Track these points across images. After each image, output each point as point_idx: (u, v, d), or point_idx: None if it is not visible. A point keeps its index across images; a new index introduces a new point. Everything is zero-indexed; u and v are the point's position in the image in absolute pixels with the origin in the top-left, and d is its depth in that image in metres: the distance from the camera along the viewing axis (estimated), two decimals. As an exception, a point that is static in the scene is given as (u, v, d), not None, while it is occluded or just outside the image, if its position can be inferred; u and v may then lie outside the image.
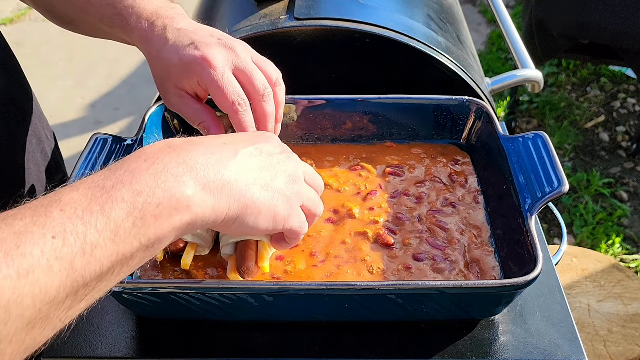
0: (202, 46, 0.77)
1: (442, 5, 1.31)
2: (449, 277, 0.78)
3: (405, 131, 1.00)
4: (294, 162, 0.70)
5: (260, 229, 0.63)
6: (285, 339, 0.77)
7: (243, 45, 0.82)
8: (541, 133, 0.87)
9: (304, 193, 0.69)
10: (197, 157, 0.58)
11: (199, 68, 0.77)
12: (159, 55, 0.80)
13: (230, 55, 0.78)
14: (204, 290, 0.71)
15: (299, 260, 0.80)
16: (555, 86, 3.34)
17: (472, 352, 0.75)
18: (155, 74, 0.83)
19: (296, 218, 0.67)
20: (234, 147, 0.63)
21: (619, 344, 1.69)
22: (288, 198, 0.66)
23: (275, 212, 0.64)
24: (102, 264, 0.48)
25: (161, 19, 0.82)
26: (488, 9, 3.88)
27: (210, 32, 0.82)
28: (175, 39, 0.80)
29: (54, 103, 3.37)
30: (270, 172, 0.65)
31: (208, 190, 0.57)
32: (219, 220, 0.59)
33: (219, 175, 0.58)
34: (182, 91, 0.81)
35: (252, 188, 0.62)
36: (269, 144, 0.69)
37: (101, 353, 0.75)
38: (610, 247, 2.42)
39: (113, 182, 0.52)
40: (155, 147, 0.58)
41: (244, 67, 0.78)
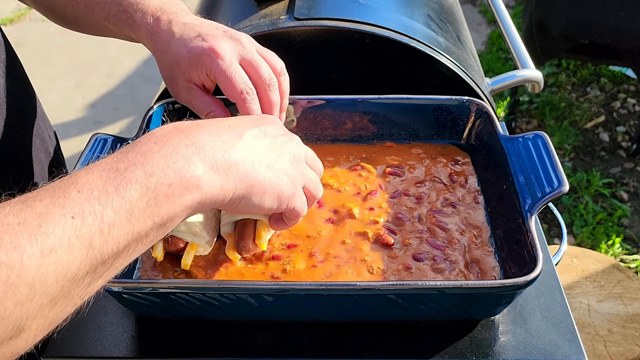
0: (208, 38, 0.79)
1: (442, 5, 1.31)
2: (448, 277, 0.78)
3: (405, 131, 1.00)
4: (296, 143, 0.71)
5: (265, 207, 0.65)
6: (285, 339, 0.77)
7: (248, 37, 0.83)
8: (541, 133, 0.87)
9: (306, 174, 0.70)
10: (205, 138, 0.60)
11: (207, 59, 0.78)
12: (166, 49, 0.82)
13: (236, 46, 0.80)
14: (204, 290, 0.71)
15: (298, 259, 0.80)
16: (555, 86, 3.34)
17: (472, 352, 0.75)
18: (163, 68, 0.84)
19: (299, 198, 0.69)
20: (239, 129, 0.65)
21: (619, 344, 1.69)
22: (292, 178, 0.67)
23: (279, 191, 0.65)
24: (118, 242, 0.51)
25: (166, 14, 0.83)
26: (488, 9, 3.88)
27: (215, 25, 0.84)
28: (181, 32, 0.81)
29: (54, 103, 3.37)
30: (275, 153, 0.67)
31: (216, 170, 0.59)
32: (226, 199, 0.61)
33: (226, 156, 0.60)
34: (191, 83, 0.82)
35: (258, 168, 0.63)
36: (272, 126, 0.70)
37: (101, 353, 0.75)
38: (610, 247, 2.42)
39: (126, 164, 0.54)
40: (164, 130, 0.60)
41: (250, 58, 0.80)
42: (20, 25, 4.17)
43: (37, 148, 0.96)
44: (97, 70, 3.66)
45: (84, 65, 3.72)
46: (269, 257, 0.81)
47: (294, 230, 0.84)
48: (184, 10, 0.86)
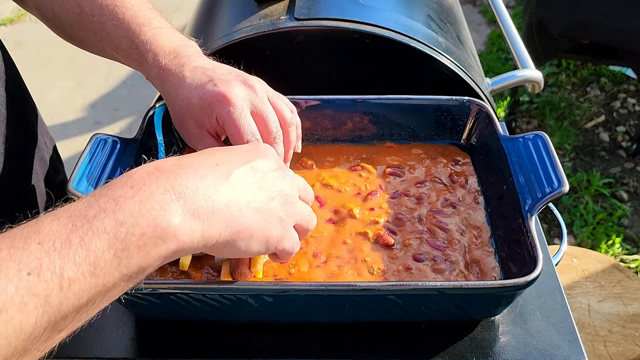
0: (220, 83, 0.77)
1: (442, 5, 1.31)
2: (449, 278, 0.78)
3: (405, 131, 1.00)
4: (290, 179, 0.67)
5: (252, 252, 0.62)
6: (285, 339, 0.77)
7: (260, 82, 0.81)
8: (541, 133, 0.87)
9: (298, 212, 0.67)
10: (187, 181, 0.56)
11: (219, 105, 0.76)
12: (176, 93, 0.79)
13: (249, 93, 0.78)
14: (204, 291, 0.70)
15: (302, 262, 0.80)
16: (555, 86, 3.34)
17: (472, 352, 0.75)
18: (174, 112, 0.82)
19: (289, 239, 0.66)
20: (227, 167, 0.61)
21: (619, 344, 1.69)
22: (282, 220, 0.64)
23: (268, 235, 0.62)
24: (80, 297, 0.47)
25: (178, 58, 0.81)
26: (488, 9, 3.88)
27: (228, 69, 0.81)
28: (193, 76, 0.79)
29: (54, 103, 3.37)
30: (265, 192, 0.63)
31: (197, 217, 0.55)
32: (208, 245, 0.57)
33: (210, 201, 0.57)
34: (203, 130, 0.80)
35: (245, 212, 0.60)
36: (265, 160, 0.66)
37: (100, 354, 0.75)
38: (610, 247, 2.42)
39: (96, 211, 0.50)
40: (142, 171, 0.56)
41: (261, 108, 0.78)
42: (20, 26, 4.17)
43: (32, 157, 0.95)
44: (97, 71, 3.66)
45: (84, 65, 3.71)
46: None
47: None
48: (197, 53, 0.83)
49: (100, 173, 0.81)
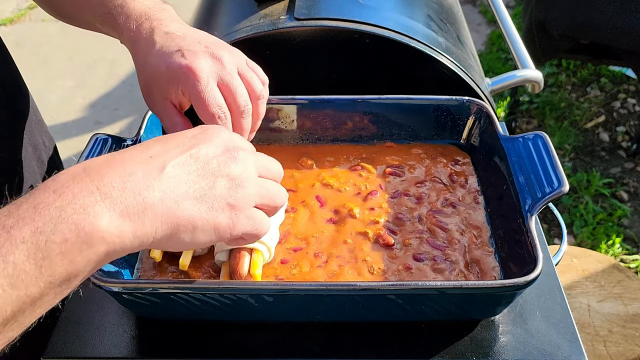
0: (188, 54, 0.76)
1: (442, 6, 1.31)
2: (449, 278, 0.78)
3: (405, 131, 1.00)
4: (241, 160, 0.64)
5: (201, 243, 0.60)
6: (285, 339, 0.77)
7: (231, 53, 0.80)
8: (541, 133, 0.87)
9: (254, 192, 0.64)
10: (114, 180, 0.53)
11: (184, 77, 0.75)
12: (145, 59, 0.79)
13: (216, 65, 0.77)
14: (204, 291, 0.71)
15: (304, 263, 0.81)
16: (555, 86, 3.34)
17: (472, 352, 0.75)
18: (141, 78, 0.81)
19: (245, 222, 0.63)
20: (161, 159, 0.58)
21: (619, 344, 1.69)
22: (231, 205, 0.61)
23: (215, 222, 0.59)
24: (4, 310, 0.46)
25: (149, 21, 0.80)
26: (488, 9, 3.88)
27: (198, 37, 0.80)
28: (162, 43, 0.78)
29: (54, 103, 3.37)
30: (208, 179, 0.60)
31: (126, 216, 0.53)
32: (146, 243, 0.56)
33: (140, 198, 0.54)
34: (167, 100, 0.79)
35: (184, 203, 0.57)
36: (209, 144, 0.63)
37: (101, 353, 0.75)
38: (610, 247, 2.42)
39: (15, 220, 0.48)
40: (68, 174, 0.54)
41: (229, 81, 0.77)
42: (20, 25, 4.17)
43: (29, 156, 0.94)
44: (97, 71, 3.66)
45: (84, 65, 3.71)
46: (277, 262, 0.81)
47: (298, 234, 0.84)
48: (169, 17, 0.82)
49: (100, 173, 0.81)
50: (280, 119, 0.99)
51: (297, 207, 0.89)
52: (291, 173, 0.95)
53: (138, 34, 0.80)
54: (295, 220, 0.87)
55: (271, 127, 0.99)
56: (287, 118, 0.99)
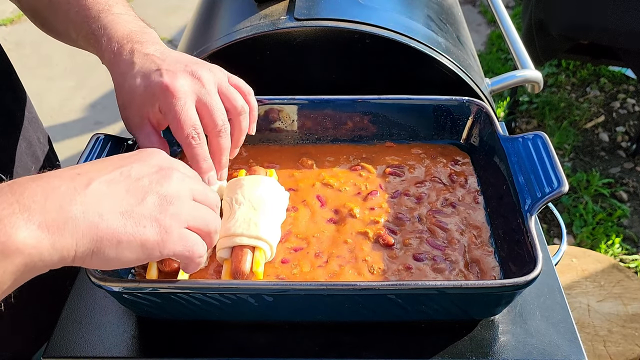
0: (167, 74, 0.76)
1: (442, 6, 1.31)
2: (448, 277, 0.79)
3: (405, 131, 1.00)
4: (175, 180, 0.63)
5: (128, 259, 0.59)
6: (285, 339, 0.77)
7: (211, 71, 0.80)
8: (541, 133, 0.87)
9: (186, 212, 0.63)
10: (35, 194, 0.54)
11: (162, 96, 0.75)
12: (124, 79, 0.79)
13: (194, 84, 0.77)
14: (204, 290, 0.71)
15: (305, 263, 0.81)
16: (554, 86, 3.34)
17: (471, 352, 0.75)
18: (119, 98, 0.81)
19: (177, 242, 0.62)
20: (88, 176, 0.59)
21: (619, 344, 1.69)
22: (160, 221, 0.60)
23: (141, 238, 0.59)
24: None
25: (130, 43, 0.80)
26: (488, 9, 3.88)
27: (178, 58, 0.80)
28: (141, 64, 0.78)
29: (54, 103, 3.37)
30: (136, 196, 0.60)
31: (45, 228, 0.53)
32: (68, 258, 0.55)
33: (61, 211, 0.54)
34: (145, 119, 0.79)
35: (108, 217, 0.57)
36: (142, 164, 0.63)
37: (101, 353, 0.76)
38: (610, 247, 2.42)
39: None
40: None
41: (207, 100, 0.77)
42: (20, 26, 4.16)
43: (22, 152, 0.94)
44: (97, 70, 3.63)
45: (84, 65, 3.71)
46: (278, 261, 0.81)
47: (299, 233, 0.84)
48: (150, 41, 0.82)
49: (100, 173, 0.81)
50: (281, 119, 0.99)
51: (298, 207, 0.89)
52: (291, 173, 0.95)
53: (118, 56, 0.80)
54: (296, 220, 0.87)
55: (271, 128, 0.99)
56: (287, 118, 0.99)
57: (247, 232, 0.77)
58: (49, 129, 1.07)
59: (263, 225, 0.79)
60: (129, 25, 0.83)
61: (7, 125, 0.92)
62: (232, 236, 0.77)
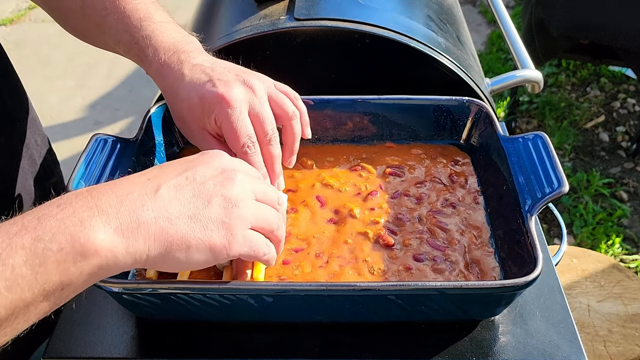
0: (219, 84, 0.77)
1: (442, 6, 1.31)
2: (449, 278, 0.78)
3: (405, 132, 1.00)
4: (238, 181, 0.65)
5: (197, 262, 0.61)
6: (285, 339, 0.77)
7: (260, 80, 0.81)
8: (541, 133, 0.87)
9: (250, 214, 0.65)
10: (111, 199, 0.57)
11: (218, 106, 0.76)
12: (176, 92, 0.79)
13: (248, 94, 0.78)
14: (204, 291, 0.71)
15: (305, 263, 0.81)
16: (555, 86, 3.34)
17: (472, 352, 0.75)
18: (174, 111, 0.82)
19: (243, 243, 0.64)
20: (157, 181, 0.61)
21: (619, 344, 1.69)
22: (226, 224, 0.62)
23: (210, 241, 0.61)
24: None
25: (178, 54, 0.80)
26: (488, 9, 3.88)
27: (228, 67, 0.81)
28: (191, 75, 0.78)
29: (54, 103, 3.37)
30: (202, 200, 0.62)
31: (120, 233, 0.55)
32: (140, 261, 0.57)
33: (134, 216, 0.57)
34: (205, 131, 0.80)
35: (177, 222, 0.59)
36: (206, 166, 0.65)
37: (101, 353, 0.75)
38: (610, 247, 2.42)
39: (18, 228, 0.51)
40: (74, 192, 0.57)
41: (259, 110, 0.78)
42: (20, 26, 4.16)
43: (19, 155, 0.94)
44: (97, 71, 3.66)
45: (84, 65, 3.71)
46: (279, 263, 0.81)
47: (299, 234, 0.84)
48: (197, 49, 0.83)
49: (100, 173, 0.81)
50: (280, 119, 0.99)
51: (298, 207, 0.89)
52: (291, 173, 0.95)
53: (167, 67, 0.80)
54: (296, 221, 0.87)
55: (271, 128, 0.99)
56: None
57: None
58: (48, 129, 1.07)
59: None
60: (173, 34, 0.83)
61: (6, 127, 0.92)
62: None
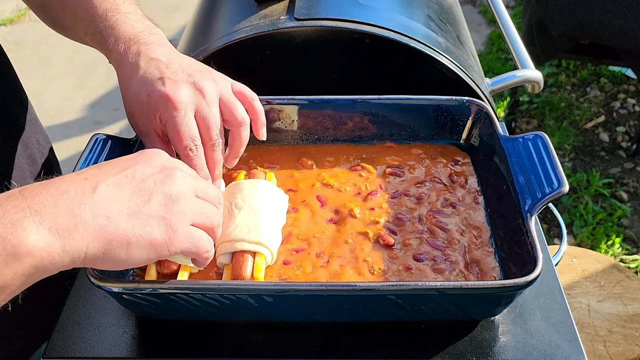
0: (168, 83, 0.76)
1: (442, 6, 1.31)
2: (449, 278, 0.78)
3: (405, 131, 1.00)
4: (178, 179, 0.65)
5: (138, 259, 0.61)
6: (285, 339, 0.77)
7: (214, 81, 0.80)
8: (541, 133, 0.87)
9: (191, 210, 0.65)
10: (46, 199, 0.56)
11: (163, 107, 0.76)
12: (129, 84, 0.79)
13: (195, 96, 0.77)
14: (204, 291, 0.71)
15: (306, 263, 0.81)
16: (555, 86, 3.34)
17: (472, 352, 0.75)
18: (125, 102, 0.81)
19: (184, 239, 0.63)
20: (95, 180, 0.60)
21: (619, 344, 1.69)
22: (166, 220, 0.62)
23: (150, 238, 0.60)
24: None
25: (137, 45, 0.80)
26: (488, 9, 3.88)
27: (184, 65, 0.80)
28: (146, 69, 0.78)
29: (54, 103, 3.37)
30: (142, 197, 0.61)
31: (55, 232, 0.55)
32: (78, 260, 0.57)
33: (70, 215, 0.56)
34: (151, 128, 0.80)
35: (116, 219, 0.59)
36: (145, 165, 0.65)
37: (101, 353, 0.75)
38: (610, 247, 2.42)
39: None
40: (7, 193, 0.57)
41: (205, 113, 0.77)
42: (20, 26, 4.16)
43: (19, 154, 0.94)
44: (97, 71, 3.66)
45: (84, 65, 3.71)
46: (280, 263, 0.81)
47: (300, 234, 0.84)
48: (157, 42, 0.82)
49: (100, 173, 0.81)
50: (281, 120, 0.99)
51: (298, 207, 0.89)
52: (291, 173, 0.95)
53: (125, 57, 0.80)
54: (297, 221, 0.87)
55: (271, 128, 0.99)
56: (287, 118, 0.99)
57: (247, 237, 0.77)
58: (48, 129, 1.07)
59: (264, 230, 0.79)
60: (136, 24, 0.83)
61: (5, 127, 0.92)
62: (232, 241, 0.77)
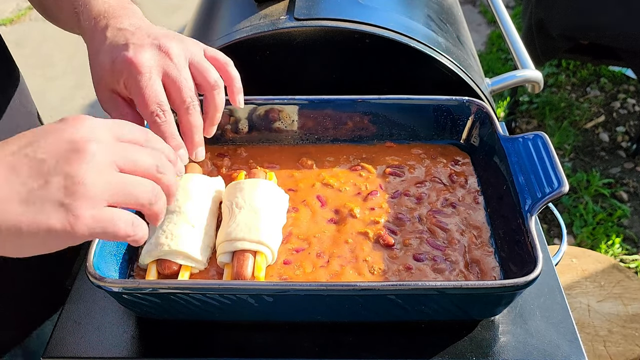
0: (133, 48, 0.73)
1: (442, 6, 1.31)
2: (449, 278, 0.78)
3: (405, 131, 1.00)
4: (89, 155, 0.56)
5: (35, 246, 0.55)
6: (285, 339, 0.77)
7: (183, 43, 0.77)
8: (541, 133, 0.87)
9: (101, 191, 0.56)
10: None
11: (126, 71, 0.73)
12: (97, 57, 0.77)
13: (162, 59, 0.74)
14: (204, 291, 0.71)
15: (306, 263, 0.81)
16: (555, 86, 3.34)
17: (472, 352, 0.75)
18: (93, 74, 0.79)
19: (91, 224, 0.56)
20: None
21: (619, 344, 1.69)
22: (66, 205, 0.55)
23: (47, 225, 0.54)
24: None
25: (106, 19, 0.78)
26: (488, 9, 3.88)
27: (150, 31, 0.77)
28: (112, 38, 0.76)
29: (54, 102, 3.37)
30: (39, 180, 0.54)
31: None
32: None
33: None
34: (114, 93, 0.76)
35: (6, 206, 0.53)
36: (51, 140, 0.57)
37: (101, 353, 0.75)
38: (610, 247, 2.42)
39: None
40: None
41: (174, 75, 0.74)
42: (20, 25, 4.17)
43: None
44: (97, 70, 3.66)
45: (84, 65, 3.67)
46: (280, 263, 0.81)
47: (300, 234, 0.84)
48: (127, 15, 0.79)
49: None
50: (281, 120, 0.99)
51: (298, 207, 0.89)
52: (291, 173, 0.95)
53: (93, 32, 0.78)
54: (297, 220, 0.87)
55: (271, 128, 0.99)
56: (287, 118, 0.99)
57: (248, 237, 0.77)
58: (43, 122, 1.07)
59: (264, 229, 0.79)
60: (111, 1, 0.81)
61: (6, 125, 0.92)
62: (233, 240, 0.77)
